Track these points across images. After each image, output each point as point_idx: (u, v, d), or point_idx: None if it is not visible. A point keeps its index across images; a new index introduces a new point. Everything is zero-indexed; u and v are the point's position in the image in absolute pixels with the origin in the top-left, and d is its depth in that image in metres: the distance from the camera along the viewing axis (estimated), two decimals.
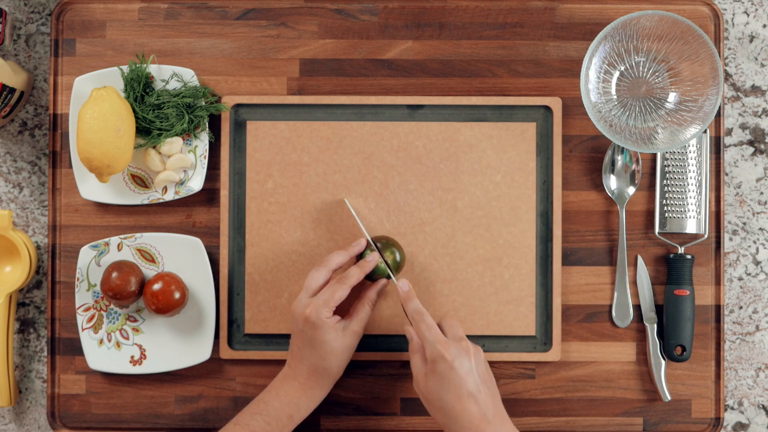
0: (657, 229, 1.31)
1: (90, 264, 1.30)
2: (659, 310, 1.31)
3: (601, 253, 1.32)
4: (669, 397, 1.30)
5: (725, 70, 1.34)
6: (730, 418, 1.33)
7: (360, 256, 1.26)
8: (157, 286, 1.26)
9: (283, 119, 1.32)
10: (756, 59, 1.34)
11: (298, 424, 1.22)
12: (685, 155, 1.30)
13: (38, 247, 1.34)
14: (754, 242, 1.33)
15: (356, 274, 1.23)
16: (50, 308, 1.31)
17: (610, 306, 1.31)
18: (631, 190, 1.31)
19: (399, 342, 1.31)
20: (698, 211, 1.30)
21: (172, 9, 1.33)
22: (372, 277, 1.26)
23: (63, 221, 1.32)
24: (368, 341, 1.31)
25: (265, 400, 1.21)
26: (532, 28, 1.32)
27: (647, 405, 1.31)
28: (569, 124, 1.32)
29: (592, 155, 1.32)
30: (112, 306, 1.30)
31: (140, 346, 1.30)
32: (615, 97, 1.31)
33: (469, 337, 1.30)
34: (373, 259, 1.25)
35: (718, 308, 1.31)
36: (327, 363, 1.21)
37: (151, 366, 1.30)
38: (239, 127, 1.32)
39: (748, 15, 1.34)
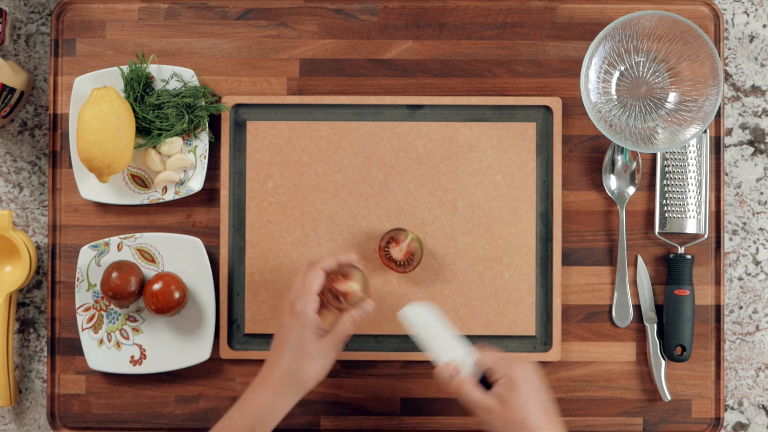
0: (657, 229, 1.31)
1: (90, 264, 1.30)
2: (659, 310, 1.31)
3: (601, 253, 1.32)
4: (669, 397, 1.30)
5: (725, 70, 1.34)
6: (730, 418, 1.33)
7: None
8: (157, 286, 1.27)
9: (283, 119, 1.32)
10: (756, 59, 1.34)
11: None
12: (685, 155, 1.30)
13: (38, 247, 1.34)
14: (754, 242, 1.33)
15: (322, 258, 1.19)
16: (50, 308, 1.31)
17: (610, 306, 1.31)
18: (631, 190, 1.31)
19: (399, 342, 1.31)
20: (698, 211, 1.30)
21: (172, 9, 1.33)
22: (408, 263, 1.26)
23: (63, 221, 1.32)
24: (368, 341, 1.31)
25: (230, 415, 1.17)
26: (532, 28, 1.32)
27: (647, 405, 1.31)
28: (569, 124, 1.32)
29: (592, 155, 1.32)
30: (112, 306, 1.30)
31: (140, 346, 1.30)
32: (615, 97, 1.31)
33: (469, 337, 1.30)
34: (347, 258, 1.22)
35: (718, 308, 1.31)
36: (300, 366, 1.16)
37: (151, 366, 1.30)
38: (239, 127, 1.32)
39: (748, 15, 1.34)
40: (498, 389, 1.14)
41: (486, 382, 1.16)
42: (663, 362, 1.30)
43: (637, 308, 1.32)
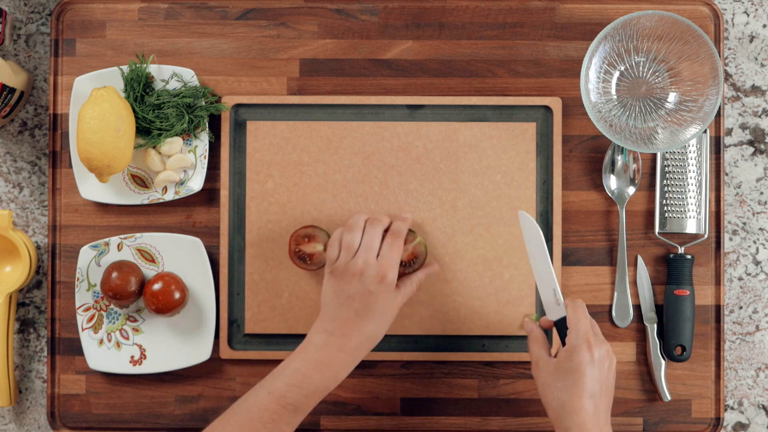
0: (657, 229, 1.31)
1: (90, 264, 1.30)
2: (659, 310, 1.31)
3: (601, 253, 1.32)
4: (669, 397, 1.30)
5: (725, 70, 1.34)
6: (730, 418, 1.33)
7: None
8: (157, 286, 1.26)
9: (283, 119, 1.32)
10: (756, 59, 1.34)
11: None
12: (685, 155, 1.30)
13: (38, 247, 1.34)
14: (754, 242, 1.33)
15: (404, 226, 1.23)
16: (50, 308, 1.31)
17: (610, 306, 1.31)
18: (631, 190, 1.31)
19: (399, 342, 1.31)
20: (698, 211, 1.30)
21: (172, 9, 1.33)
22: (410, 264, 1.26)
23: (63, 221, 1.32)
24: None
25: (304, 371, 1.15)
26: (532, 28, 1.32)
27: (647, 405, 1.31)
28: (569, 124, 1.32)
29: (592, 155, 1.32)
30: (112, 306, 1.30)
31: (140, 346, 1.30)
32: (615, 97, 1.31)
33: (469, 336, 1.30)
34: (408, 216, 1.26)
35: (718, 308, 1.31)
36: (381, 331, 1.19)
37: (151, 366, 1.30)
38: (239, 127, 1.32)
39: (748, 15, 1.34)
40: (560, 354, 1.16)
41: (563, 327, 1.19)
42: (663, 362, 1.30)
43: (637, 308, 1.32)
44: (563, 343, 1.18)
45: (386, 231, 1.23)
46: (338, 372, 1.17)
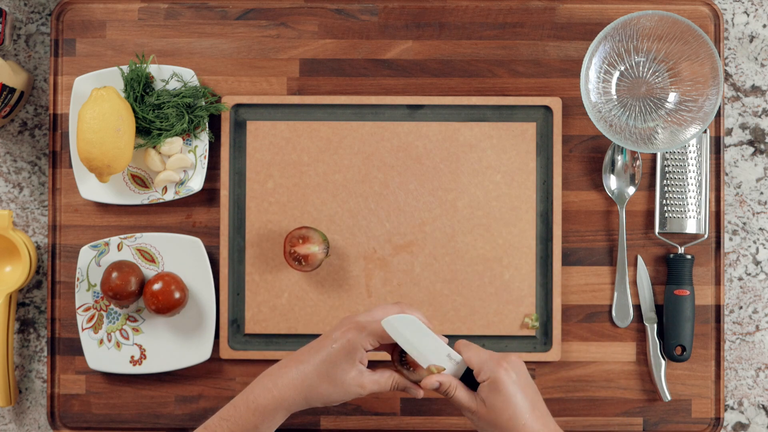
0: (657, 229, 1.31)
1: (90, 264, 1.30)
2: (659, 310, 1.31)
3: (601, 253, 1.32)
4: (669, 397, 1.30)
5: (725, 70, 1.34)
6: (730, 418, 1.33)
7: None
8: (157, 286, 1.27)
9: (283, 119, 1.32)
10: (756, 59, 1.34)
11: None
12: (685, 155, 1.30)
13: (38, 247, 1.34)
14: (754, 242, 1.33)
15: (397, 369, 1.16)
16: (50, 308, 1.31)
17: (610, 306, 1.31)
18: (631, 190, 1.31)
19: None
20: (698, 211, 1.30)
21: (172, 9, 1.33)
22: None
23: (63, 221, 1.32)
24: None
25: (236, 404, 1.14)
26: (532, 28, 1.32)
27: (647, 405, 1.31)
28: (569, 124, 1.32)
29: (592, 155, 1.32)
30: (112, 306, 1.30)
31: (140, 346, 1.30)
32: (615, 97, 1.31)
33: (469, 337, 1.30)
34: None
35: (718, 308, 1.31)
36: (319, 381, 1.12)
37: (151, 366, 1.30)
38: (239, 127, 1.32)
39: (748, 15, 1.34)
40: (482, 392, 1.12)
41: (473, 380, 1.14)
42: (663, 362, 1.30)
43: (637, 308, 1.32)
44: (475, 388, 1.13)
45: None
46: (264, 408, 1.13)
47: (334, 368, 1.12)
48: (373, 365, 1.15)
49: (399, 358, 1.16)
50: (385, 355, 1.24)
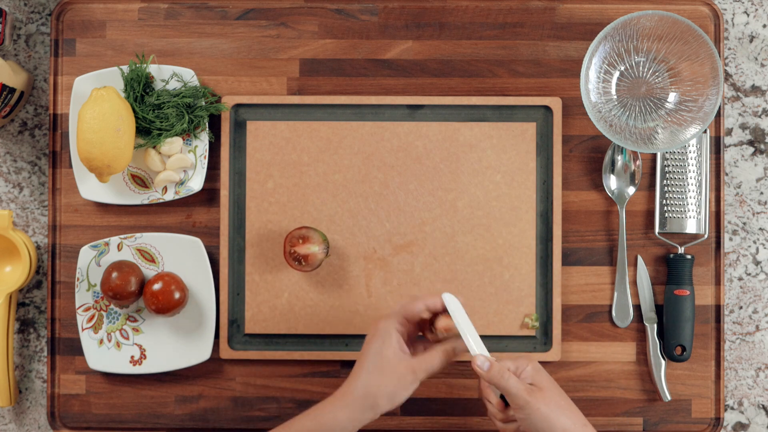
0: (657, 229, 1.31)
1: (90, 264, 1.30)
2: (659, 310, 1.31)
3: (601, 253, 1.32)
4: (669, 397, 1.30)
5: (725, 70, 1.34)
6: (730, 418, 1.33)
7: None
8: (157, 286, 1.27)
9: (283, 119, 1.32)
10: (756, 59, 1.34)
11: None
12: (685, 155, 1.30)
13: (38, 247, 1.34)
14: (754, 242, 1.33)
15: (421, 306, 1.17)
16: (50, 308, 1.31)
17: (610, 306, 1.31)
18: (631, 190, 1.31)
19: None
20: (698, 211, 1.30)
21: (172, 9, 1.33)
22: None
23: (63, 221, 1.32)
24: None
25: (302, 422, 1.14)
26: (532, 28, 1.32)
27: (647, 405, 1.31)
28: (569, 124, 1.32)
29: (592, 155, 1.32)
30: (112, 306, 1.30)
31: (140, 346, 1.30)
32: (615, 97, 1.31)
33: None
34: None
35: (718, 308, 1.31)
36: (377, 382, 1.13)
37: (151, 366, 1.30)
38: (239, 127, 1.32)
39: (748, 15, 1.34)
40: (521, 425, 1.14)
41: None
42: (663, 362, 1.30)
43: (637, 308, 1.32)
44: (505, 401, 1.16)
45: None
46: (332, 426, 1.14)
47: (378, 358, 1.13)
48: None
49: (429, 329, 1.17)
50: None
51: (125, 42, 1.32)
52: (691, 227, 1.30)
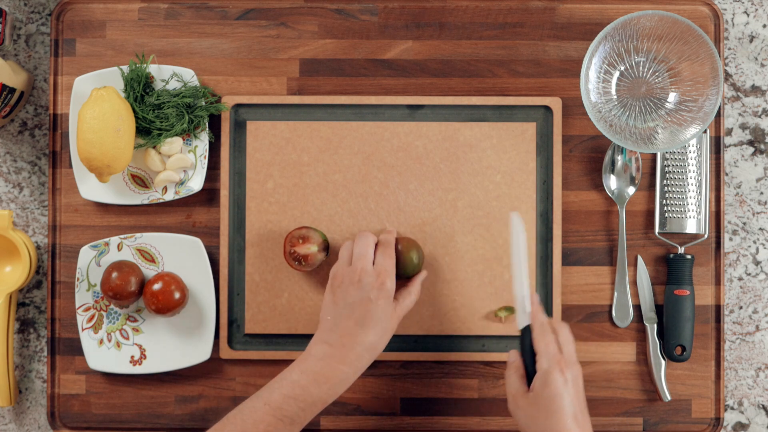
0: (657, 229, 1.31)
1: (90, 264, 1.30)
2: (659, 310, 1.31)
3: (601, 253, 1.32)
4: (669, 397, 1.30)
5: (725, 70, 1.34)
6: (730, 418, 1.33)
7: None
8: (157, 286, 1.27)
9: (283, 119, 1.32)
10: (756, 59, 1.34)
11: None
12: (685, 155, 1.30)
13: (38, 247, 1.34)
14: (754, 242, 1.33)
15: (391, 237, 1.23)
16: (50, 308, 1.31)
17: (610, 306, 1.31)
18: (631, 190, 1.31)
19: (399, 342, 1.31)
20: (698, 211, 1.30)
21: (172, 9, 1.33)
22: (403, 274, 1.26)
23: (63, 221, 1.32)
24: None
25: (302, 384, 1.14)
26: (532, 28, 1.32)
27: (647, 405, 1.31)
28: (569, 124, 1.32)
29: (592, 155, 1.32)
30: (112, 306, 1.30)
31: (140, 346, 1.30)
32: (615, 97, 1.31)
33: (469, 336, 1.30)
34: (392, 230, 1.26)
35: (718, 308, 1.31)
36: (381, 342, 1.17)
37: (151, 366, 1.30)
38: (239, 127, 1.32)
39: (748, 15, 1.34)
40: (535, 382, 1.14)
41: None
42: (663, 362, 1.30)
43: (637, 308, 1.32)
44: (522, 350, 1.18)
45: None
46: (337, 385, 1.16)
47: (384, 320, 1.18)
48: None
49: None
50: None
51: (125, 42, 1.32)
52: (691, 227, 1.30)
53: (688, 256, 1.30)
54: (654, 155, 1.32)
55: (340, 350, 1.16)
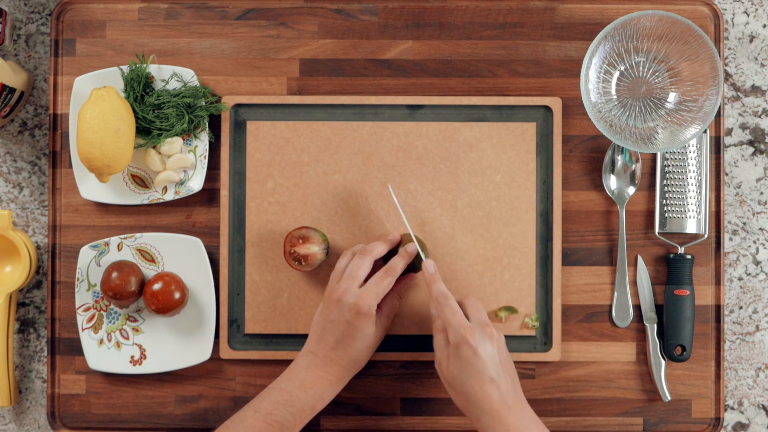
0: (657, 229, 1.31)
1: (90, 264, 1.30)
2: (659, 310, 1.31)
3: (601, 253, 1.32)
4: (669, 397, 1.30)
5: (725, 70, 1.34)
6: (730, 418, 1.33)
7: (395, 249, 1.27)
8: (157, 286, 1.27)
9: (283, 119, 1.32)
10: (756, 59, 1.34)
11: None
12: (685, 155, 1.30)
13: (38, 247, 1.34)
14: (754, 242, 1.33)
15: (401, 264, 1.23)
16: (50, 308, 1.31)
17: (610, 306, 1.31)
18: (631, 190, 1.31)
19: (399, 342, 1.31)
20: (698, 211, 1.30)
21: (172, 9, 1.33)
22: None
23: (63, 221, 1.32)
24: None
25: (289, 390, 1.20)
26: (532, 28, 1.32)
27: (647, 405, 1.31)
28: (569, 124, 1.32)
29: (592, 155, 1.32)
30: (112, 306, 1.30)
31: (140, 346, 1.30)
32: (615, 97, 1.31)
33: None
34: (413, 249, 1.24)
35: (718, 308, 1.31)
36: (363, 356, 1.22)
37: (151, 366, 1.30)
38: (239, 127, 1.32)
39: (748, 15, 1.34)
40: (449, 354, 1.18)
41: None
42: (663, 362, 1.30)
43: (637, 308, 1.32)
44: None
45: (391, 253, 1.26)
46: (323, 391, 1.20)
47: (369, 340, 1.22)
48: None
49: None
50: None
51: (125, 42, 1.32)
52: (691, 227, 1.30)
53: (688, 256, 1.30)
54: (654, 155, 1.32)
55: (323, 361, 1.21)
